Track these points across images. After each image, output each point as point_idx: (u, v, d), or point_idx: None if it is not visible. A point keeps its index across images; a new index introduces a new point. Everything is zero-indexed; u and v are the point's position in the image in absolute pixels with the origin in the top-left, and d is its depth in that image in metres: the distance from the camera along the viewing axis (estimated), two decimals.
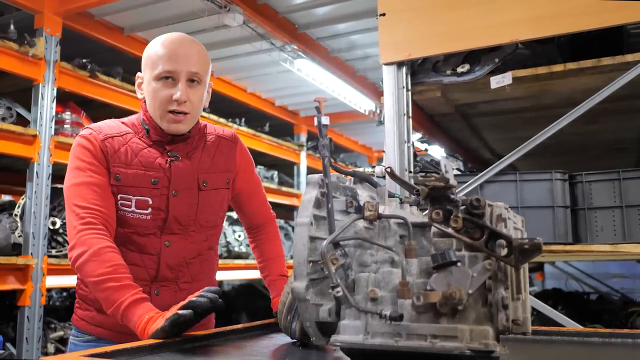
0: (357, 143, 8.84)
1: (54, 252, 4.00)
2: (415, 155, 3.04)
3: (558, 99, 3.17)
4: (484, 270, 1.13)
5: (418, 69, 3.00)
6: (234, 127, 5.94)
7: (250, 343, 1.63)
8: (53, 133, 4.01)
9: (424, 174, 3.01)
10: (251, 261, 5.74)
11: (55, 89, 4.04)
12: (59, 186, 4.09)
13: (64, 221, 4.07)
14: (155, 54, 1.76)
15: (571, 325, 2.62)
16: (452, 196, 1.19)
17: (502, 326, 1.11)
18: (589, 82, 2.81)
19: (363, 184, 1.45)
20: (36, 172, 3.89)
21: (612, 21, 2.43)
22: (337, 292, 1.21)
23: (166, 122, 1.76)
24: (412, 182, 1.50)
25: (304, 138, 7.46)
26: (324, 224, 1.31)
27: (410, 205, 1.41)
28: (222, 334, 1.66)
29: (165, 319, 1.46)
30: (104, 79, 4.42)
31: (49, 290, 4.51)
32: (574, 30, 2.53)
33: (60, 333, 4.21)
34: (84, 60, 4.32)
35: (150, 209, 1.77)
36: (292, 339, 1.61)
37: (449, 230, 1.18)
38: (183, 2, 4.29)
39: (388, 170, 1.48)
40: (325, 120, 1.34)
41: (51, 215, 4.02)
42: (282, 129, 7.24)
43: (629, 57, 2.58)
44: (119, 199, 1.74)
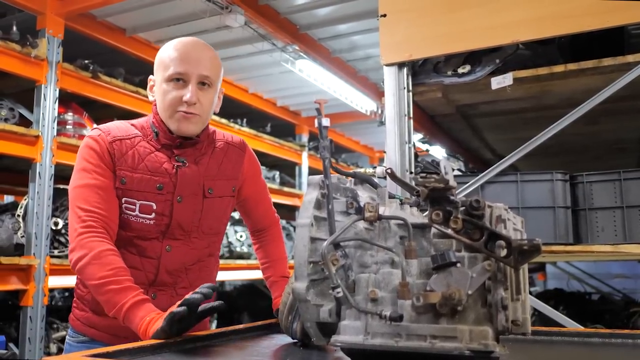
0: (358, 143, 8.84)
1: (56, 252, 4.01)
2: (417, 156, 3.05)
3: (559, 100, 3.17)
4: (483, 271, 1.14)
5: (419, 70, 3.01)
6: (235, 127, 5.94)
7: (251, 343, 1.64)
8: (55, 134, 4.02)
9: (424, 175, 3.01)
10: (253, 261, 5.75)
11: (58, 89, 4.05)
12: (62, 187, 4.11)
13: (66, 222, 4.08)
14: (168, 57, 1.77)
15: (572, 325, 2.62)
16: (451, 197, 1.19)
17: (502, 327, 1.12)
18: (589, 82, 2.81)
19: (363, 185, 1.45)
20: (38, 172, 3.90)
21: (613, 22, 2.43)
22: (338, 292, 1.22)
23: (175, 122, 1.76)
24: (413, 183, 1.51)
25: (305, 138, 7.46)
26: (325, 225, 1.32)
27: (411, 206, 1.41)
28: (223, 334, 1.67)
29: (163, 319, 1.47)
30: (106, 80, 4.43)
31: (51, 290, 4.52)
32: (574, 31, 2.53)
33: (63, 333, 4.22)
34: (86, 61, 4.33)
35: (153, 214, 1.77)
36: (293, 339, 1.62)
37: (449, 231, 1.18)
38: (185, 3, 4.30)
39: (388, 171, 1.48)
40: (325, 122, 1.35)
41: (53, 215, 4.03)
42: (284, 130, 7.25)
43: (630, 58, 2.58)
44: (123, 202, 1.75)
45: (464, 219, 1.18)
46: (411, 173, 2.83)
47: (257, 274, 5.40)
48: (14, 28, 3.90)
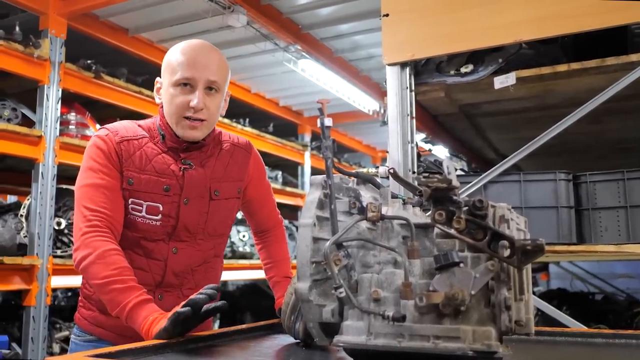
0: (361, 143, 8.83)
1: (59, 252, 4.02)
2: (419, 156, 3.04)
3: (562, 99, 3.16)
4: (486, 271, 1.13)
5: (421, 70, 3.00)
6: (238, 127, 5.94)
7: (253, 343, 1.64)
8: (58, 134, 4.03)
9: (427, 175, 3.01)
10: (255, 261, 5.74)
11: (60, 90, 4.06)
12: (64, 187, 4.12)
13: (69, 222, 4.09)
14: (175, 61, 1.76)
15: (575, 325, 2.62)
16: (454, 197, 1.19)
17: (505, 327, 1.11)
18: (593, 82, 2.81)
19: (366, 185, 1.45)
20: (41, 172, 3.90)
21: (616, 21, 2.43)
22: (340, 292, 1.22)
23: (181, 128, 1.76)
24: (416, 183, 1.50)
25: (308, 138, 7.45)
26: (327, 225, 1.31)
27: (413, 206, 1.41)
28: (225, 334, 1.66)
29: (167, 319, 1.47)
30: (108, 80, 4.43)
31: (54, 290, 4.52)
32: (577, 31, 2.52)
33: (66, 333, 4.22)
34: (88, 61, 4.33)
35: (160, 215, 1.77)
36: (296, 339, 1.62)
37: (452, 231, 1.18)
38: (187, 3, 4.30)
39: (391, 171, 1.48)
40: (328, 122, 1.35)
41: (56, 215, 4.03)
42: (286, 129, 7.24)
43: (633, 57, 2.57)
44: (130, 203, 1.75)
45: (467, 219, 1.17)
46: (414, 173, 2.82)
47: (260, 274, 5.40)
48: (17, 28, 3.91)
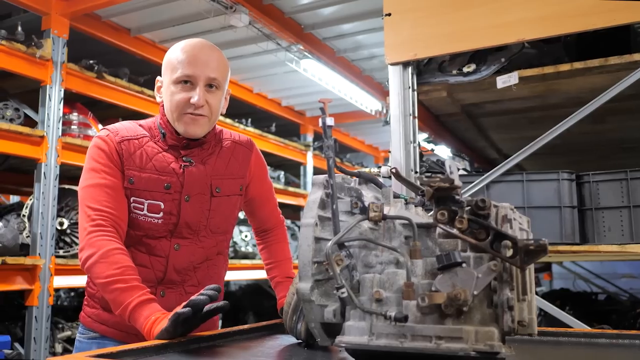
0: (363, 143, 8.83)
1: (61, 252, 4.02)
2: (422, 155, 3.03)
3: (565, 99, 3.15)
4: (489, 271, 1.13)
5: (424, 69, 3.00)
6: (240, 127, 5.95)
7: (255, 343, 1.63)
8: (60, 134, 4.03)
9: (429, 175, 3.00)
10: (258, 261, 5.75)
11: (63, 90, 4.06)
12: (67, 187, 4.12)
13: (71, 222, 4.10)
14: (175, 59, 1.78)
15: (578, 326, 2.61)
16: (457, 197, 1.18)
17: (508, 327, 1.11)
18: (596, 81, 2.80)
19: (368, 184, 1.45)
20: (44, 172, 3.91)
21: (619, 20, 2.42)
22: (342, 293, 1.21)
23: (183, 125, 1.78)
24: (418, 183, 1.50)
25: (310, 138, 7.46)
26: (329, 225, 1.31)
27: (416, 206, 1.41)
28: (227, 335, 1.66)
29: (167, 319, 1.47)
30: (110, 80, 4.44)
31: (56, 290, 4.53)
32: (580, 30, 2.51)
33: (68, 333, 4.23)
34: (91, 62, 4.34)
35: (161, 213, 1.78)
36: (298, 339, 1.61)
37: (454, 231, 1.18)
38: (189, 3, 4.30)
39: (393, 171, 1.48)
40: (329, 121, 1.34)
41: (59, 215, 4.03)
42: (289, 129, 7.25)
43: (637, 56, 2.56)
44: (131, 201, 1.76)
45: (470, 219, 1.17)
46: (416, 173, 2.82)
47: (262, 274, 5.40)
48: (19, 28, 3.91)
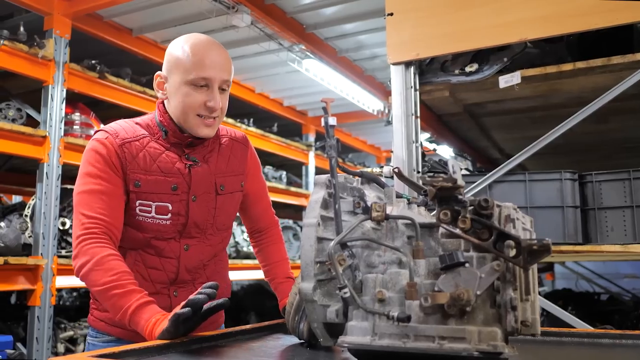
0: (365, 143, 8.83)
1: (63, 252, 4.02)
2: (424, 155, 3.03)
3: (567, 98, 3.15)
4: (492, 271, 1.12)
5: (426, 69, 2.99)
6: (242, 127, 5.95)
7: (257, 344, 1.63)
8: (62, 134, 4.03)
9: (432, 174, 3.00)
10: None
11: (65, 90, 4.06)
12: (69, 187, 4.12)
13: (72, 222, 4.09)
14: (188, 59, 1.73)
15: (581, 326, 2.60)
16: (460, 197, 1.18)
17: (511, 327, 1.11)
18: (598, 81, 2.79)
19: (370, 184, 1.44)
20: (46, 172, 3.91)
21: (622, 20, 2.41)
22: (345, 293, 1.21)
23: (194, 126, 1.75)
24: (420, 183, 1.49)
25: (312, 138, 7.46)
26: (332, 225, 1.31)
27: (418, 206, 1.40)
28: (229, 335, 1.66)
29: (168, 320, 1.46)
30: (113, 80, 4.44)
31: (58, 290, 4.53)
32: (583, 29, 2.51)
33: (70, 333, 4.23)
34: (93, 62, 4.34)
35: (169, 215, 1.76)
36: (300, 339, 1.61)
37: (457, 231, 1.17)
38: (191, 3, 4.30)
39: (395, 170, 1.47)
40: (332, 121, 1.34)
41: (61, 215, 4.04)
42: (291, 129, 7.25)
43: (639, 56, 2.56)
44: (137, 205, 1.73)
45: (473, 219, 1.16)
46: (418, 172, 2.81)
47: None
48: (22, 29, 3.91)
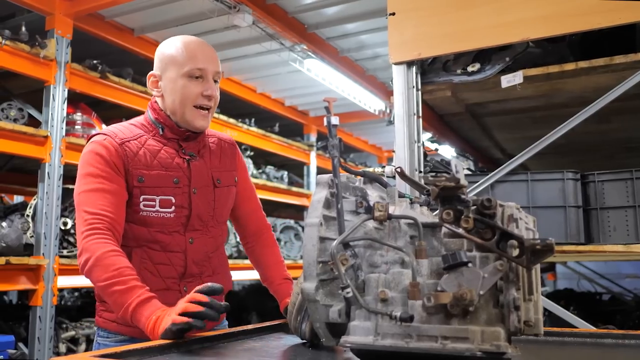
0: (367, 143, 8.82)
1: (65, 252, 4.02)
2: (426, 155, 3.03)
3: (569, 98, 3.14)
4: (495, 271, 1.12)
5: (428, 69, 2.99)
6: (243, 127, 5.94)
7: (259, 344, 1.63)
8: (64, 134, 4.03)
9: (434, 174, 2.99)
10: None
11: (66, 90, 4.06)
12: (70, 187, 4.12)
13: (75, 222, 4.09)
14: (181, 54, 1.83)
15: (583, 326, 2.60)
16: (462, 196, 1.18)
17: (514, 327, 1.10)
18: (601, 80, 2.79)
19: (373, 184, 1.44)
20: (47, 172, 3.91)
21: (624, 19, 2.40)
22: (347, 292, 1.21)
23: (191, 117, 1.84)
24: (422, 182, 1.49)
25: (313, 138, 7.45)
26: (334, 225, 1.30)
27: (421, 206, 1.40)
28: (231, 335, 1.66)
29: (171, 318, 1.46)
30: (114, 80, 4.44)
31: (60, 290, 4.53)
32: (585, 29, 2.50)
33: (72, 333, 4.23)
34: (94, 62, 4.33)
35: (173, 207, 1.82)
36: (302, 339, 1.61)
37: (460, 231, 1.17)
38: (193, 3, 4.30)
39: (398, 170, 1.47)
40: (334, 120, 1.34)
41: (62, 215, 4.04)
42: (292, 129, 7.24)
43: None
44: (141, 200, 1.77)
45: (475, 218, 1.16)
46: (420, 172, 2.81)
47: None
48: (23, 29, 3.91)
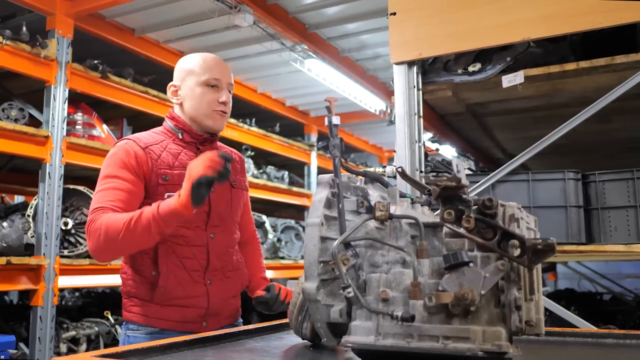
0: (367, 143, 8.82)
1: (66, 252, 4.02)
2: (427, 155, 3.03)
3: (570, 98, 3.14)
4: (496, 271, 1.12)
5: (429, 69, 2.99)
6: (244, 127, 5.94)
7: (260, 344, 1.63)
8: (65, 134, 4.03)
9: (435, 174, 2.99)
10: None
11: (67, 90, 4.06)
12: (71, 187, 4.12)
13: (76, 222, 4.10)
14: (200, 66, 2.06)
15: (584, 326, 2.60)
16: (464, 196, 1.18)
17: (515, 327, 1.10)
18: (602, 80, 2.79)
19: (374, 184, 1.44)
20: (48, 172, 3.91)
21: (626, 19, 2.40)
22: (348, 292, 1.21)
23: (211, 120, 2.05)
24: (424, 182, 1.49)
25: (314, 138, 7.45)
26: (335, 224, 1.30)
27: (422, 205, 1.40)
28: (232, 335, 1.66)
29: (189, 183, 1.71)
30: (115, 80, 4.44)
31: (61, 290, 4.54)
32: (586, 29, 2.50)
33: (73, 333, 4.23)
34: (95, 62, 4.33)
35: None
36: (303, 339, 1.61)
37: (461, 231, 1.17)
38: (193, 3, 4.30)
39: (399, 170, 1.47)
40: (335, 120, 1.34)
41: (63, 215, 4.04)
42: (293, 129, 7.24)
43: None
44: (166, 197, 1.91)
45: (477, 218, 1.16)
46: (421, 172, 2.81)
47: (268, 274, 5.39)
48: (24, 28, 3.91)
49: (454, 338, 1.11)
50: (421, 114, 2.86)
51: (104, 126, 4.53)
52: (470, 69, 2.86)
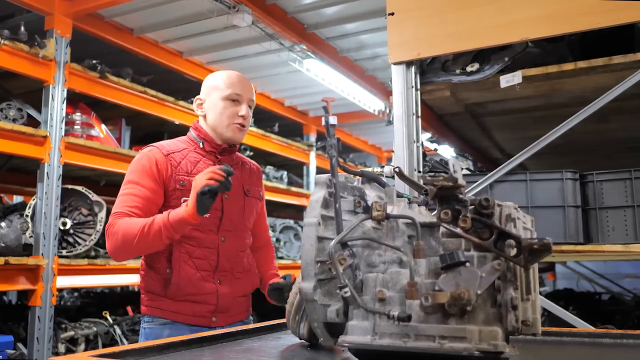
0: (366, 143, 8.82)
1: (64, 252, 4.02)
2: (425, 155, 3.03)
3: (568, 98, 3.14)
4: (493, 271, 1.12)
5: (427, 69, 2.99)
6: None
7: (258, 344, 1.63)
8: (63, 134, 4.03)
9: (433, 174, 2.99)
10: None
11: (66, 90, 4.06)
12: (70, 187, 4.12)
13: (74, 222, 4.10)
14: (223, 82, 2.22)
15: (582, 326, 2.60)
16: (460, 196, 1.18)
17: (512, 327, 1.10)
18: (600, 80, 2.79)
19: (371, 184, 1.44)
20: (47, 172, 3.91)
21: (624, 19, 2.41)
22: (345, 292, 1.21)
23: (231, 131, 2.19)
24: (421, 182, 1.49)
25: (313, 138, 7.45)
26: (332, 224, 1.31)
27: (419, 205, 1.40)
28: (230, 335, 1.66)
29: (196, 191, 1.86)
30: (113, 80, 4.43)
31: (59, 290, 4.53)
32: (584, 29, 2.50)
33: (71, 333, 4.23)
34: (93, 62, 4.33)
35: None
36: (301, 339, 1.61)
37: (458, 230, 1.17)
38: (192, 3, 4.30)
39: (397, 170, 1.47)
40: (332, 120, 1.34)
41: (61, 215, 4.03)
42: (292, 129, 7.24)
43: None
44: (182, 202, 2.04)
45: (473, 218, 1.16)
46: (419, 172, 2.81)
47: None
48: (22, 28, 3.91)
49: (450, 338, 1.11)
50: (419, 114, 2.86)
51: (103, 126, 4.53)
52: (469, 69, 2.86)
